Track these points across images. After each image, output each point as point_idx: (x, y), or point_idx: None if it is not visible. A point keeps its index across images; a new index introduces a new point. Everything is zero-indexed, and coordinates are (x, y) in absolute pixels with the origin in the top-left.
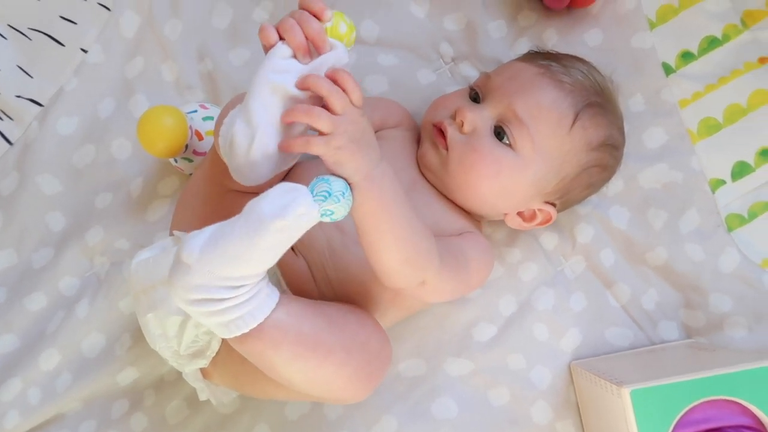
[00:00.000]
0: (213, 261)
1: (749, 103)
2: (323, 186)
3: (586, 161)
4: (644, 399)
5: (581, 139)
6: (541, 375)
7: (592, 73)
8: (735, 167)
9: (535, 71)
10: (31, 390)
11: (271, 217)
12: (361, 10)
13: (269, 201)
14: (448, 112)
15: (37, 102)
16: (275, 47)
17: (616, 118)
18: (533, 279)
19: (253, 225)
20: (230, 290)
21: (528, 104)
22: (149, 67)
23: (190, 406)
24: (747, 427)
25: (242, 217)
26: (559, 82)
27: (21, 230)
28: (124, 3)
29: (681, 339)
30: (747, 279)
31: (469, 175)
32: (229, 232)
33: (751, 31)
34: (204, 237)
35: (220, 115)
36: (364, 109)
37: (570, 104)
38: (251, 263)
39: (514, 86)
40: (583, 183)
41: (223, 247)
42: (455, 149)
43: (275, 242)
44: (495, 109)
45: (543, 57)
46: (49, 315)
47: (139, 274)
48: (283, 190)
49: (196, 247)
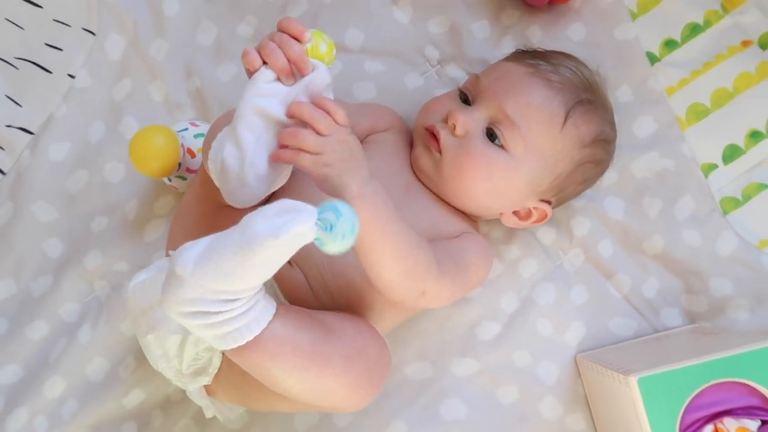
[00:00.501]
0: (207, 275)
1: (735, 86)
2: (330, 216)
3: (580, 158)
4: (652, 386)
5: (573, 136)
6: (548, 370)
7: (580, 68)
8: (726, 151)
9: (523, 71)
10: (37, 419)
11: (265, 235)
12: (345, 18)
13: (265, 218)
14: (439, 116)
15: (27, 130)
16: (259, 71)
17: (606, 113)
18: (533, 275)
19: (247, 241)
20: (225, 303)
21: (518, 104)
22: (137, 88)
23: (198, 424)
24: (756, 407)
25: (237, 232)
26: (548, 81)
27: (18, 259)
28: (108, 26)
29: (684, 325)
30: (745, 261)
31: (463, 178)
32: (222, 247)
33: (732, 15)
34: (198, 250)
35: (207, 135)
36: (350, 128)
37: (560, 102)
38: (245, 278)
39: (504, 87)
40: (577, 179)
41: (217, 261)
42: (448, 152)
43: (269, 259)
44: (486, 110)
45: (530, 56)
46: (52, 342)
47: (137, 295)
48: (281, 209)
49: (190, 261)
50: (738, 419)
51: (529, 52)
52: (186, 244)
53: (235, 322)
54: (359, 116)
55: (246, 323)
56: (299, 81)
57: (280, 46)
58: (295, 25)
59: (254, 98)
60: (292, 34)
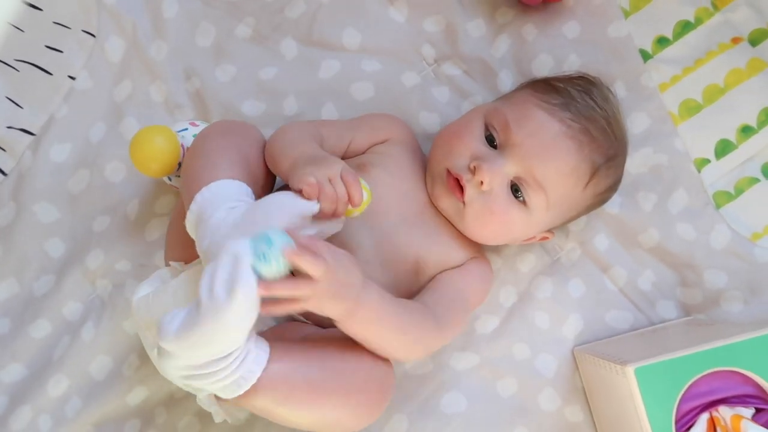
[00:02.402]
0: (190, 346)
1: (726, 82)
2: (263, 247)
3: (591, 203)
4: (649, 376)
5: (592, 191)
6: (547, 363)
7: (605, 108)
8: (718, 146)
9: (557, 130)
10: (41, 417)
11: (225, 300)
12: (343, 18)
13: (218, 282)
14: (463, 159)
15: (28, 131)
16: (311, 203)
17: (624, 157)
18: (531, 269)
19: (213, 310)
20: (217, 363)
21: (548, 171)
22: (137, 89)
23: (202, 420)
24: (751, 396)
25: (203, 300)
26: (579, 143)
27: (21, 259)
28: (108, 29)
29: (680, 317)
30: (739, 254)
31: (484, 230)
32: (196, 319)
33: (722, 13)
34: (177, 323)
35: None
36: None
37: (588, 167)
38: (226, 341)
39: (536, 148)
40: (582, 214)
41: (196, 333)
42: (472, 206)
43: (241, 316)
44: (515, 167)
45: (556, 92)
46: (55, 341)
47: (141, 311)
48: (228, 262)
49: (171, 334)
50: (733, 407)
51: (556, 89)
52: (166, 317)
53: (231, 375)
54: (355, 131)
55: (242, 374)
56: (321, 225)
57: (337, 200)
58: (358, 195)
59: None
60: (351, 197)
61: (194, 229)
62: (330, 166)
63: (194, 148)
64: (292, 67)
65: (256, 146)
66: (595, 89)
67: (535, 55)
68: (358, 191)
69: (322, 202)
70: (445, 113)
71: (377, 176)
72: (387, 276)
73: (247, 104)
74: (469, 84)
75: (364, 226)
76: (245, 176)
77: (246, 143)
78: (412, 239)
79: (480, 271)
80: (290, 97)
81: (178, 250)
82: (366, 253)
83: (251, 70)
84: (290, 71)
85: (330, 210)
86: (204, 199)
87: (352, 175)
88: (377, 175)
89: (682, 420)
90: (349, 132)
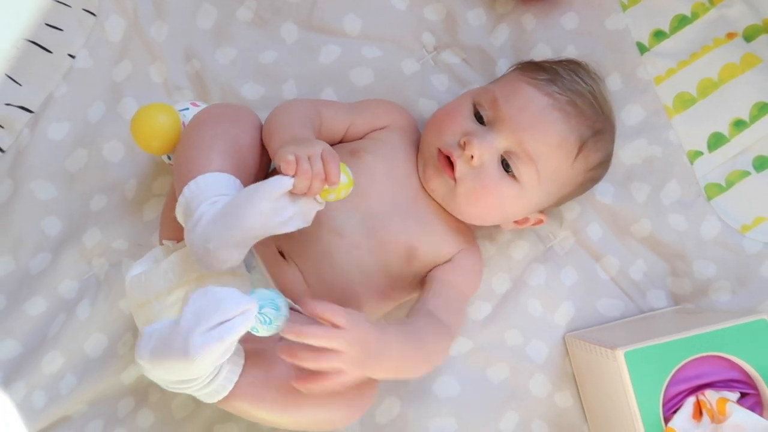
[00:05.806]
0: (161, 370)
1: (720, 76)
2: (270, 312)
3: (583, 180)
4: (638, 360)
5: (582, 165)
6: (538, 349)
7: (593, 87)
8: (711, 138)
9: (544, 103)
10: (35, 394)
11: (199, 349)
12: (344, 4)
13: (203, 332)
14: (454, 137)
15: (27, 109)
16: (285, 178)
17: (612, 135)
18: (524, 256)
19: (184, 353)
20: (189, 381)
21: (538, 142)
22: (137, 69)
23: (196, 400)
24: (736, 380)
25: (178, 337)
26: (566, 114)
27: (17, 237)
28: (108, 8)
29: (669, 306)
30: (728, 245)
31: (476, 207)
32: (167, 352)
33: (718, 8)
34: (150, 346)
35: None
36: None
37: (576, 138)
38: (195, 373)
39: (525, 120)
40: (575, 194)
41: (166, 362)
42: (464, 183)
43: (211, 362)
44: (504, 140)
45: (546, 75)
46: (50, 319)
47: (134, 289)
48: (221, 314)
49: (146, 355)
50: (719, 391)
51: (543, 68)
52: (147, 329)
53: (205, 389)
54: (356, 115)
55: (214, 388)
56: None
57: (313, 177)
58: (335, 173)
59: (263, 201)
60: (327, 174)
61: (183, 220)
62: (312, 145)
63: (187, 134)
64: (293, 52)
65: (249, 133)
66: (581, 69)
67: (533, 45)
68: (335, 169)
69: (297, 178)
70: (443, 101)
71: (370, 162)
72: (377, 262)
73: (247, 87)
74: (468, 72)
75: (355, 211)
76: (235, 167)
77: (239, 130)
78: (404, 226)
79: (472, 262)
80: (290, 81)
81: (172, 228)
82: (356, 238)
83: (251, 53)
84: (290, 55)
85: (305, 186)
86: (191, 192)
87: (333, 155)
88: (370, 162)
89: (670, 403)
90: (349, 115)
